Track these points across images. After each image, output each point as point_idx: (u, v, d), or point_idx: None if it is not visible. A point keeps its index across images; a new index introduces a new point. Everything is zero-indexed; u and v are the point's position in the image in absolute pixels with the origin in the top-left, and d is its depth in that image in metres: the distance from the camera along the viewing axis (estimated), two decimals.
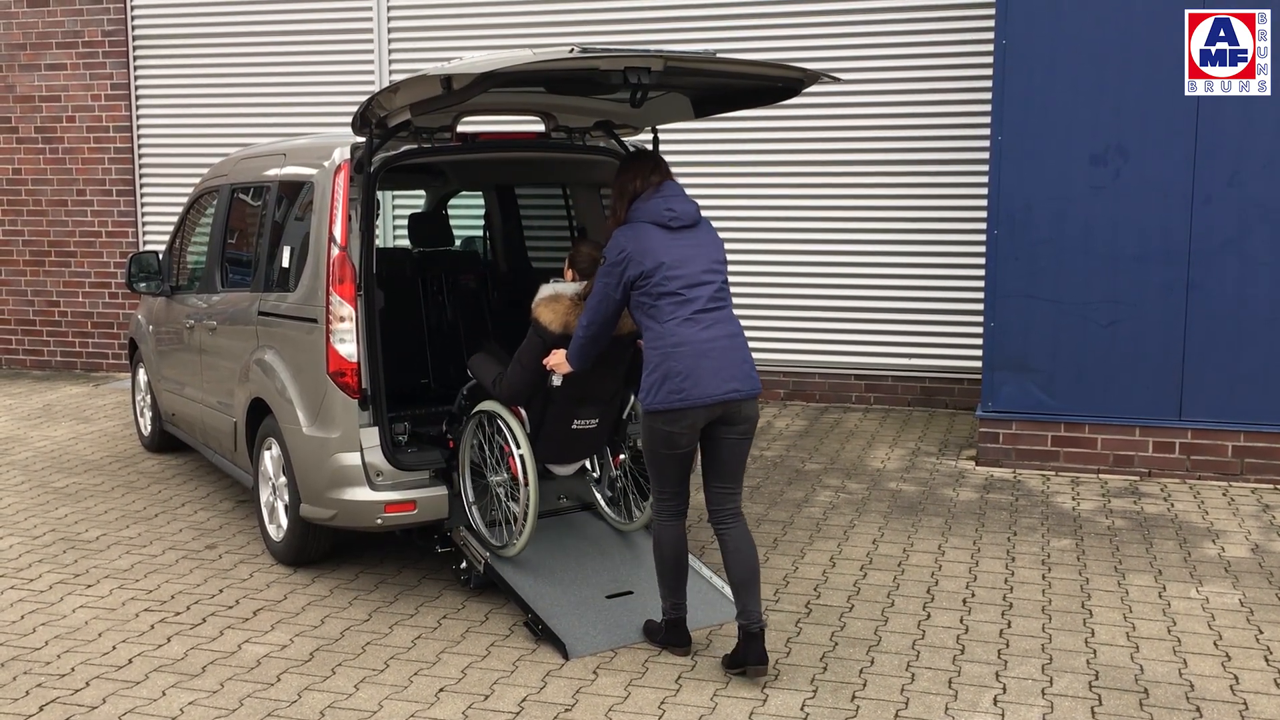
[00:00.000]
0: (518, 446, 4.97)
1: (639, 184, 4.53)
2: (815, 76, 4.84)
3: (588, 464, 5.61)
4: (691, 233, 4.51)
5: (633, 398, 5.44)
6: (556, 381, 4.88)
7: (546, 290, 5.02)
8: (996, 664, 4.58)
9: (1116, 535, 6.08)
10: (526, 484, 4.94)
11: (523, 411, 5.09)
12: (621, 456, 5.51)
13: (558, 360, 4.78)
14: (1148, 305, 7.00)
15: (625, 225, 4.50)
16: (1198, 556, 5.76)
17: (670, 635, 4.69)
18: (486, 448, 5.19)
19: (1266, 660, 4.60)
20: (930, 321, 8.98)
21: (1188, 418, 7.04)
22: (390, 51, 10.03)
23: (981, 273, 7.80)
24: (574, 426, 5.11)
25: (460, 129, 5.47)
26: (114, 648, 4.81)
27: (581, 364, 4.72)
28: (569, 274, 5.10)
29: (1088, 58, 6.97)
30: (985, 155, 7.73)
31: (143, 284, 7.56)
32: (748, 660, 4.43)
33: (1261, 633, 4.86)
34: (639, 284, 4.40)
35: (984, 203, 7.74)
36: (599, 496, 5.67)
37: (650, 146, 5.84)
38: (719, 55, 4.67)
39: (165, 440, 7.87)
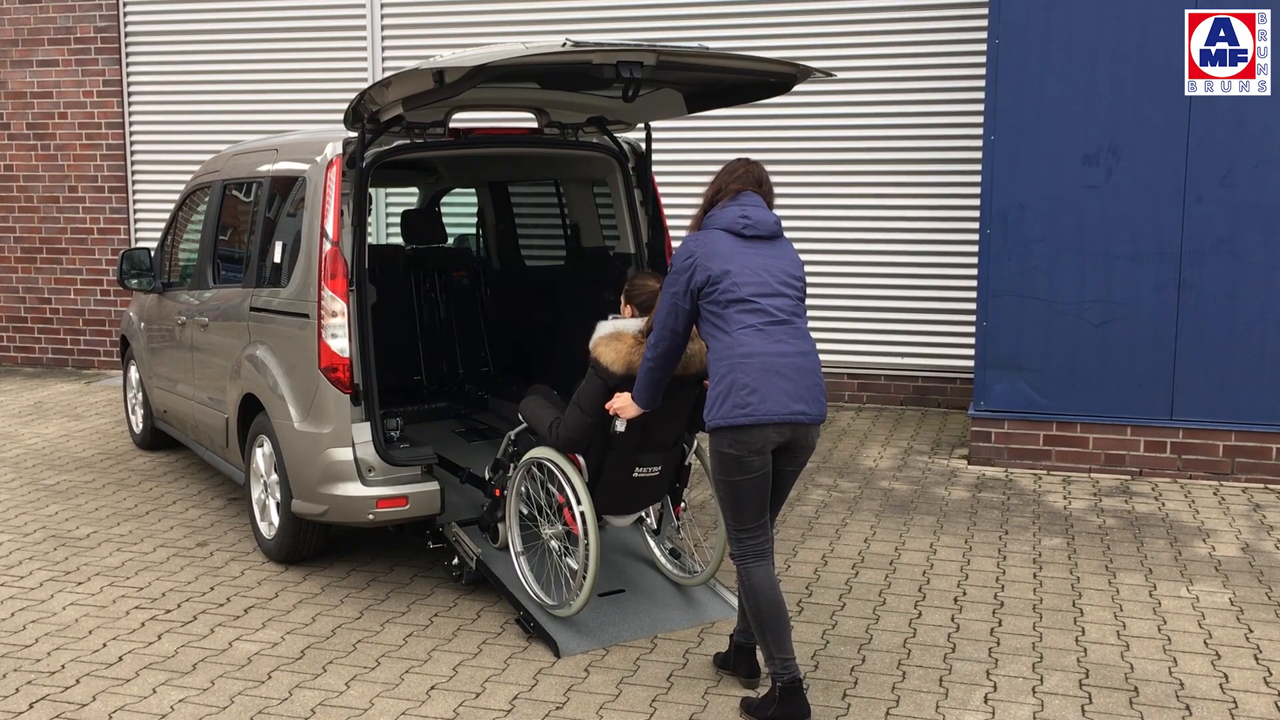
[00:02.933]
0: (578, 501, 4.56)
1: (717, 191, 4.22)
2: (808, 72, 4.84)
3: (644, 514, 5.20)
4: (768, 244, 4.15)
5: (695, 441, 5.02)
6: (620, 427, 4.48)
7: (606, 328, 4.60)
8: (987, 662, 4.58)
9: (1107, 534, 6.09)
10: (587, 539, 4.55)
11: (580, 459, 4.68)
12: (683, 506, 5.16)
13: (623, 404, 4.38)
14: (1140, 305, 7.01)
15: (696, 232, 4.21)
16: (1188, 555, 5.77)
17: (785, 707, 4.02)
18: (539, 498, 4.86)
19: (1256, 659, 4.61)
20: (923, 321, 8.98)
21: (1179, 417, 7.05)
22: (384, 49, 10.02)
23: (974, 272, 7.82)
24: (635, 475, 4.70)
25: (452, 124, 5.46)
26: (104, 645, 4.80)
27: (652, 399, 4.30)
28: (626, 310, 4.72)
29: (1081, 57, 6.98)
30: (978, 154, 7.75)
31: (134, 280, 7.54)
32: (738, 673, 4.34)
33: (1251, 631, 4.88)
34: (706, 291, 4.04)
35: (977, 202, 7.75)
36: (657, 550, 5.26)
37: (644, 144, 5.86)
38: (711, 50, 4.67)
39: (157, 437, 7.85)
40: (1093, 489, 6.92)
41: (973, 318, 7.90)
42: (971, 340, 7.95)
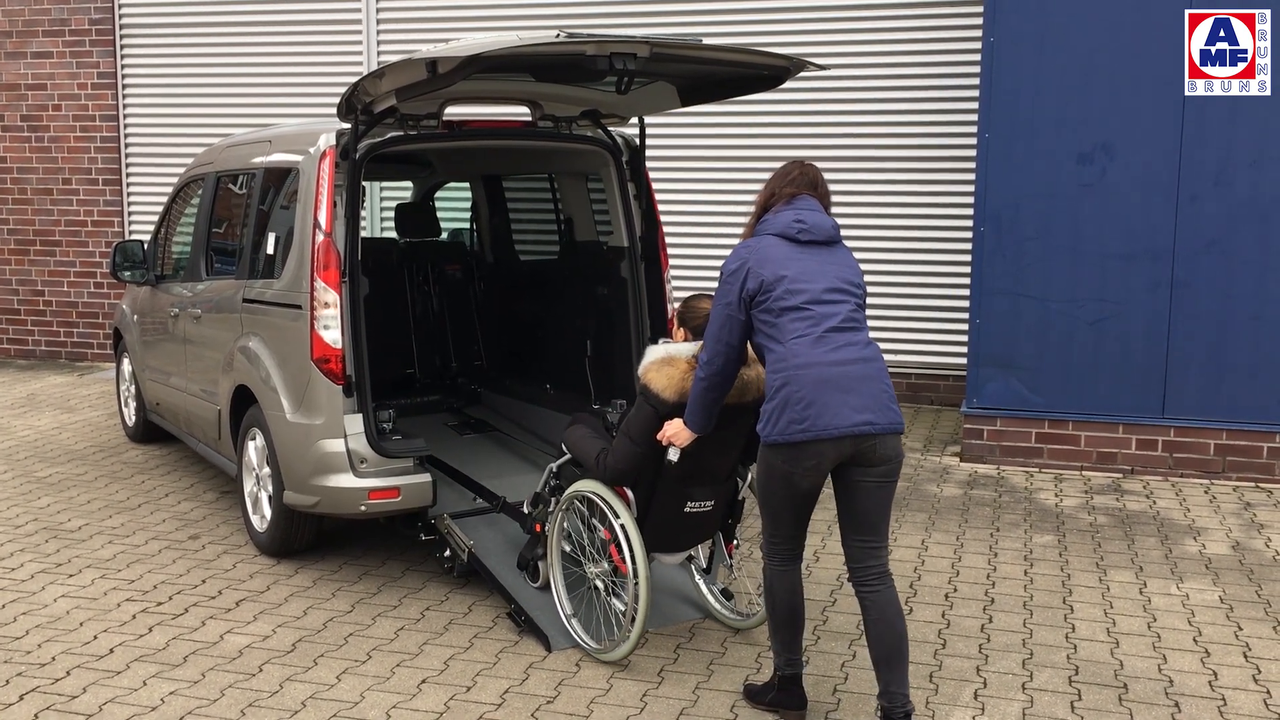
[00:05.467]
0: (628, 540, 4.31)
1: (770, 196, 4.04)
2: (801, 65, 4.84)
3: (693, 553, 4.88)
4: (824, 249, 3.93)
5: (750, 474, 4.63)
6: (674, 456, 4.19)
7: (656, 352, 4.33)
8: (977, 658, 4.59)
9: (1098, 532, 6.10)
10: (636, 579, 4.29)
11: (629, 492, 4.44)
12: (735, 544, 4.87)
13: (675, 430, 4.12)
14: (1133, 303, 7.02)
15: (748, 239, 4.00)
16: (1179, 553, 5.79)
17: (783, 695, 4.07)
18: (583, 534, 4.62)
19: (1245, 656, 4.63)
20: (916, 318, 8.99)
21: (1171, 415, 7.07)
22: (379, 42, 10.00)
23: (968, 270, 7.82)
24: (687, 509, 4.43)
25: (446, 117, 5.45)
26: (95, 637, 4.79)
27: (705, 423, 4.05)
28: (679, 333, 4.45)
29: (1076, 55, 6.99)
30: (972, 153, 7.74)
31: (127, 273, 7.52)
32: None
33: (1241, 629, 4.89)
34: (759, 299, 3.82)
35: (971, 200, 7.75)
36: (707, 591, 4.92)
37: (637, 137, 5.85)
38: (704, 42, 4.67)
39: (149, 430, 7.84)
40: (1084, 487, 6.93)
41: (966, 315, 7.91)
42: (964, 338, 7.95)
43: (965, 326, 7.90)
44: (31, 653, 4.64)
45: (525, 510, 5.04)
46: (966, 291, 7.95)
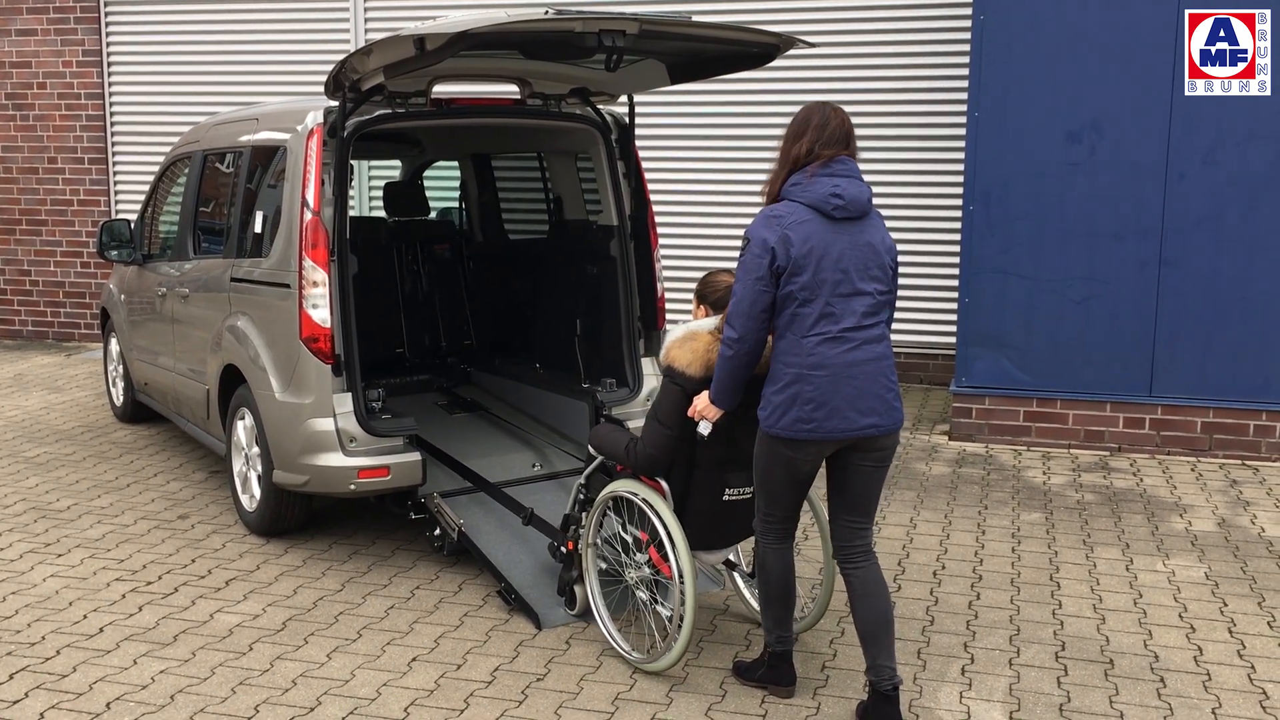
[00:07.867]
0: (670, 538, 4.08)
1: (804, 151, 3.77)
2: (790, 42, 4.84)
3: (731, 558, 4.69)
4: (858, 226, 3.76)
5: None
6: (705, 430, 3.99)
7: (678, 331, 4.20)
8: (965, 635, 4.62)
9: (1086, 509, 6.14)
10: (682, 578, 4.06)
11: (664, 484, 4.23)
12: None
13: (704, 405, 3.95)
14: (1121, 282, 7.04)
15: (776, 204, 3.76)
16: (1165, 530, 5.82)
17: (773, 672, 4.10)
18: (619, 540, 4.41)
19: (1230, 632, 4.66)
20: (905, 297, 8.97)
21: (1158, 394, 7.10)
22: (367, 19, 9.94)
23: (957, 248, 7.83)
24: (725, 497, 4.23)
25: (434, 95, 5.43)
26: (85, 617, 4.79)
27: (733, 398, 3.89)
28: (699, 311, 4.29)
29: (1067, 35, 6.97)
30: (962, 131, 7.74)
31: (114, 252, 7.48)
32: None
33: (1226, 605, 4.92)
34: (784, 280, 3.67)
35: (960, 178, 7.75)
36: (750, 597, 4.68)
37: (626, 116, 5.84)
38: (693, 20, 4.66)
39: (137, 410, 7.82)
40: (1072, 465, 6.96)
41: (955, 294, 7.92)
42: (953, 316, 7.96)
43: (954, 305, 7.92)
44: (21, 632, 4.64)
45: (561, 532, 4.79)
46: (956, 271, 7.96)
